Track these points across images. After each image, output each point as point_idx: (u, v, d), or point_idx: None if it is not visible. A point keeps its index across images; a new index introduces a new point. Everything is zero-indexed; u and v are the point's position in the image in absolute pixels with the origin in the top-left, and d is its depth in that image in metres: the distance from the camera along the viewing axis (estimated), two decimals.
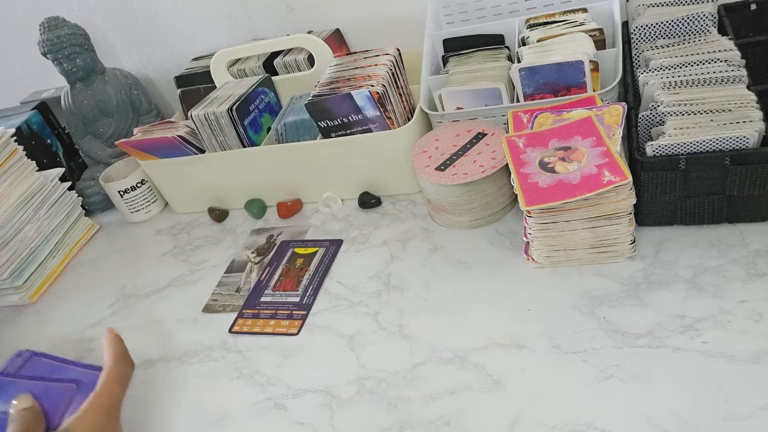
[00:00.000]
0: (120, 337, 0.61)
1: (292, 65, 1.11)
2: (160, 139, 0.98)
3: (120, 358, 0.59)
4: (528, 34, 0.90)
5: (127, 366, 0.59)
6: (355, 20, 1.15)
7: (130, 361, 0.60)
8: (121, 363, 0.58)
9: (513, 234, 0.81)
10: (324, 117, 0.90)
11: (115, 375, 0.57)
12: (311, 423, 0.65)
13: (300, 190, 1.01)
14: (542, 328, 0.67)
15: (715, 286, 0.65)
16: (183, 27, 1.24)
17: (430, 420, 0.61)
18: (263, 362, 0.74)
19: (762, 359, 0.57)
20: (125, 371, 0.58)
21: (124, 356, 0.59)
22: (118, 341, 0.60)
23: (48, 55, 1.11)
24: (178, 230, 1.07)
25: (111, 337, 0.60)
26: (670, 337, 0.61)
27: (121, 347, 0.60)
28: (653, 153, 0.68)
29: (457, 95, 0.88)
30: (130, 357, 0.60)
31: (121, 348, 0.60)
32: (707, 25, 0.79)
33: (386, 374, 0.67)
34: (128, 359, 0.60)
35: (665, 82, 0.74)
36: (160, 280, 0.94)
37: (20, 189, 1.01)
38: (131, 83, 1.20)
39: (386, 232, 0.89)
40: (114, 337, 0.60)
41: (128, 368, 0.59)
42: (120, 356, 0.59)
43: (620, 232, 0.69)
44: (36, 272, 1.01)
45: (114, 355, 0.58)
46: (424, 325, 0.72)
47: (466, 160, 0.81)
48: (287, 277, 0.86)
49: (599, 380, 0.59)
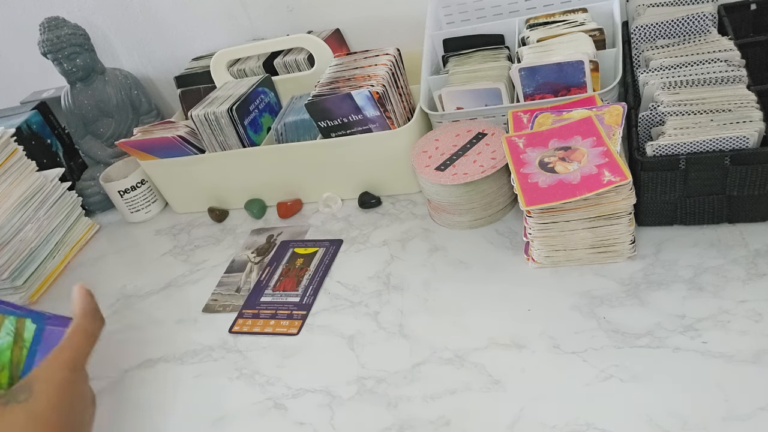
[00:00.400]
0: (90, 292, 0.59)
1: (292, 65, 1.11)
2: (160, 139, 0.98)
3: (89, 312, 0.56)
4: (528, 34, 0.90)
5: (96, 321, 0.57)
6: (355, 20, 1.15)
7: (99, 317, 0.57)
8: (89, 317, 0.56)
9: (513, 234, 0.81)
10: (324, 117, 0.90)
11: (83, 329, 0.55)
12: (311, 423, 0.65)
13: (300, 190, 1.01)
14: (542, 328, 0.67)
15: (715, 286, 0.65)
16: (183, 27, 1.24)
17: (430, 420, 0.61)
18: (263, 362, 0.74)
19: (762, 359, 0.57)
20: (94, 326, 0.56)
21: (93, 311, 0.57)
22: (87, 296, 0.58)
23: (48, 55, 1.11)
24: (178, 230, 1.07)
25: (81, 292, 0.58)
26: (670, 337, 0.61)
27: (90, 302, 0.57)
28: (653, 153, 0.68)
29: (457, 95, 0.88)
30: (100, 312, 0.58)
31: (90, 302, 0.57)
32: (707, 25, 0.79)
33: (386, 374, 0.67)
34: (98, 314, 0.57)
35: (665, 82, 0.74)
36: (160, 280, 0.94)
37: (20, 189, 1.01)
38: (131, 83, 1.20)
39: (386, 232, 0.89)
40: (84, 291, 0.58)
41: (97, 324, 0.57)
42: (89, 311, 0.57)
43: (620, 232, 0.69)
44: (36, 272, 1.01)
45: (83, 309, 0.56)
46: (424, 325, 0.72)
47: (466, 160, 0.81)
48: (287, 277, 0.86)
49: (599, 380, 0.59)
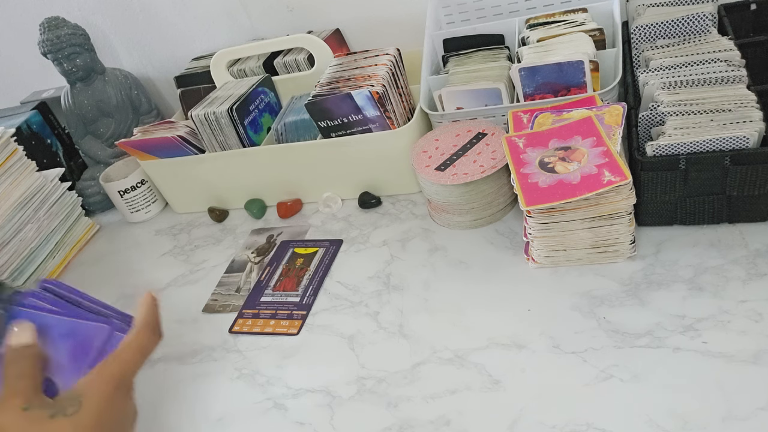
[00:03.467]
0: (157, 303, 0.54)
1: (292, 65, 1.11)
2: (160, 139, 0.98)
3: (148, 325, 0.52)
4: (528, 34, 0.90)
5: (154, 337, 0.52)
6: (355, 20, 1.15)
7: (158, 332, 0.53)
8: (147, 331, 0.51)
9: (513, 234, 0.81)
10: (324, 117, 0.90)
11: (138, 344, 0.50)
12: (311, 423, 0.65)
13: (300, 190, 1.01)
14: (542, 328, 0.67)
15: (715, 286, 0.65)
16: (183, 27, 1.24)
17: (430, 420, 0.61)
18: (263, 362, 0.74)
19: (762, 359, 0.57)
20: (150, 342, 0.51)
21: (153, 325, 0.52)
22: (153, 306, 0.53)
23: (48, 55, 1.11)
24: (178, 230, 1.07)
25: (147, 302, 0.53)
26: (670, 337, 0.61)
27: (153, 314, 0.53)
28: (653, 153, 0.68)
29: (457, 95, 0.88)
30: (160, 327, 0.53)
31: (154, 315, 0.53)
32: (707, 25, 0.79)
33: (386, 374, 0.67)
34: (157, 330, 0.53)
35: (665, 82, 0.74)
36: (160, 280, 0.94)
37: (20, 189, 1.01)
38: (131, 83, 1.20)
39: (386, 232, 0.89)
40: (151, 301, 0.54)
41: (154, 339, 0.52)
42: (149, 324, 0.52)
43: (620, 232, 0.69)
44: (36, 272, 1.01)
45: (144, 320, 0.52)
46: (424, 325, 0.72)
47: (466, 160, 0.81)
48: (287, 277, 0.86)
49: (599, 380, 0.59)
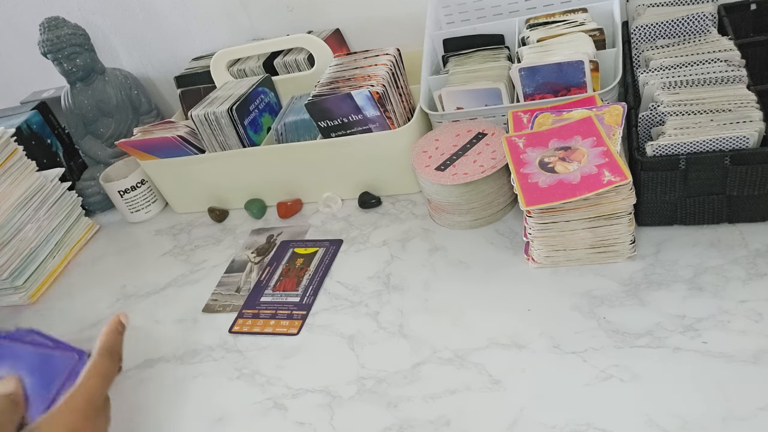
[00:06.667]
0: (120, 329, 0.55)
1: (292, 65, 1.11)
2: (160, 139, 0.98)
3: (107, 351, 0.52)
4: (528, 34, 0.90)
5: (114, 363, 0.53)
6: (355, 20, 1.15)
7: (118, 357, 0.53)
8: (106, 357, 0.52)
9: (513, 234, 0.81)
10: (324, 117, 0.90)
11: (97, 371, 0.51)
12: (311, 423, 0.65)
13: (300, 190, 1.01)
14: (542, 328, 0.67)
15: (715, 286, 0.65)
16: (183, 27, 1.24)
17: (430, 420, 0.61)
18: (263, 362, 0.74)
19: (762, 359, 0.57)
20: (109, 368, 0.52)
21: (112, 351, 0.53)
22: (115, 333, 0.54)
23: (48, 55, 1.11)
24: (178, 230, 1.07)
25: (111, 327, 0.54)
26: (670, 337, 0.61)
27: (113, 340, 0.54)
28: (653, 153, 0.68)
29: (457, 95, 0.88)
30: (120, 353, 0.54)
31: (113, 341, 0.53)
32: (707, 25, 0.79)
33: (386, 374, 0.67)
34: (116, 355, 0.53)
35: (665, 82, 0.74)
36: (160, 280, 0.94)
37: (20, 189, 1.01)
38: (131, 83, 1.20)
39: (386, 232, 0.89)
40: (114, 327, 0.54)
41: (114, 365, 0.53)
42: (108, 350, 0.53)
43: (620, 232, 0.69)
44: (36, 272, 1.01)
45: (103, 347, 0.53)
46: (424, 325, 0.72)
47: (466, 160, 0.81)
48: (287, 277, 0.86)
49: (599, 380, 0.59)
